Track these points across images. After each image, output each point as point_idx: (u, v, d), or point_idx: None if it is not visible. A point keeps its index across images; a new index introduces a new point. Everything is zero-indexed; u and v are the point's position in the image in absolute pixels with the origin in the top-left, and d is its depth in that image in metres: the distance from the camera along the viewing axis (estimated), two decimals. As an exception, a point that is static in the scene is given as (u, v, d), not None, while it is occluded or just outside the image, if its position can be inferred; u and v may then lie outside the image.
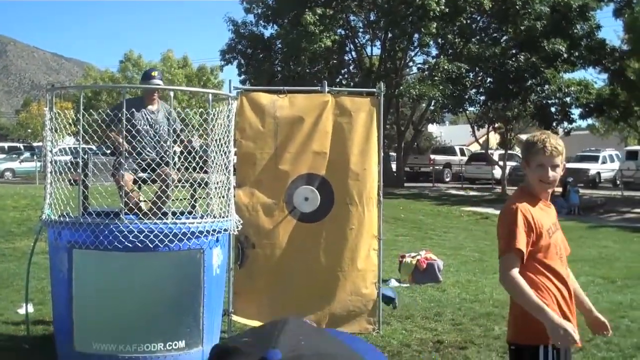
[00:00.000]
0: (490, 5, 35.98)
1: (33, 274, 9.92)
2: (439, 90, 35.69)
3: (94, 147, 9.10)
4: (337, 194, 9.72)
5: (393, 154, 45.97)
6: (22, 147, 52.08)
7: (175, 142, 8.87)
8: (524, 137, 59.42)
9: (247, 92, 10.06)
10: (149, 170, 8.39)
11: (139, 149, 8.36)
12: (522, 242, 4.36)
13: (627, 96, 35.76)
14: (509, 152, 44.31)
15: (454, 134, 73.80)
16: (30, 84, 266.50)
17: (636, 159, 42.70)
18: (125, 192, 8.05)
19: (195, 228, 7.88)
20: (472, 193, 39.03)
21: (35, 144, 52.84)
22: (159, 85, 9.25)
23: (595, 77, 52.44)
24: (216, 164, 8.35)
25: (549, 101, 37.49)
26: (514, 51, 37.71)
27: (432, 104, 40.78)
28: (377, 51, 43.19)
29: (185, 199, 8.89)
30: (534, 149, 4.49)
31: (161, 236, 7.61)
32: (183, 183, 8.42)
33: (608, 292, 12.39)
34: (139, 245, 7.53)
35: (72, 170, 8.25)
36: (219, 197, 8.48)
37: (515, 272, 4.34)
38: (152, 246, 7.57)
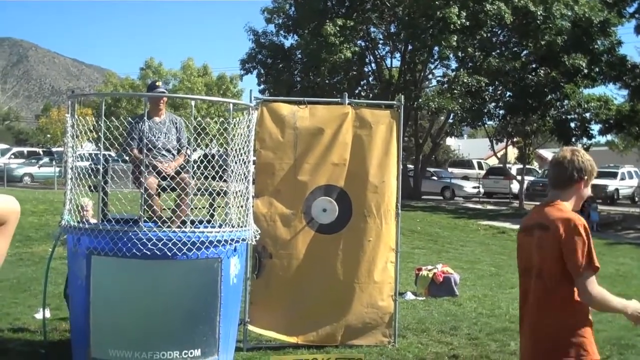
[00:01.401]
0: (511, 20, 35.92)
1: (51, 279, 9.95)
2: (458, 103, 35.67)
3: (113, 154, 9.17)
4: (355, 206, 9.72)
5: (411, 166, 45.94)
6: (41, 152, 52.27)
7: (178, 151, 8.92)
8: (542, 151, 59.06)
9: (268, 102, 10.09)
10: (168, 179, 8.44)
11: (153, 161, 8.42)
12: (596, 259, 4.44)
13: (647, 113, 35.60)
14: (527, 166, 44.18)
15: (472, 148, 73.66)
16: (50, 89, 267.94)
17: (655, 176, 42.52)
18: (149, 194, 8.07)
19: (214, 237, 7.90)
20: (489, 207, 38.90)
21: (54, 149, 53.03)
22: (164, 94, 9.29)
23: (615, 93, 52.15)
24: (235, 173, 8.38)
25: (569, 116, 37.34)
26: (534, 66, 37.65)
27: (451, 117, 40.76)
28: (396, 63, 43.29)
29: (204, 207, 8.92)
30: (594, 170, 4.66)
31: (179, 244, 7.63)
32: (202, 192, 8.44)
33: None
34: (157, 253, 7.55)
35: (91, 176, 8.30)
36: (238, 207, 8.50)
37: (599, 288, 4.41)
38: (170, 254, 7.60)
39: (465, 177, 49.11)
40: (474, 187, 42.28)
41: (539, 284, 4.49)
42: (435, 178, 46.44)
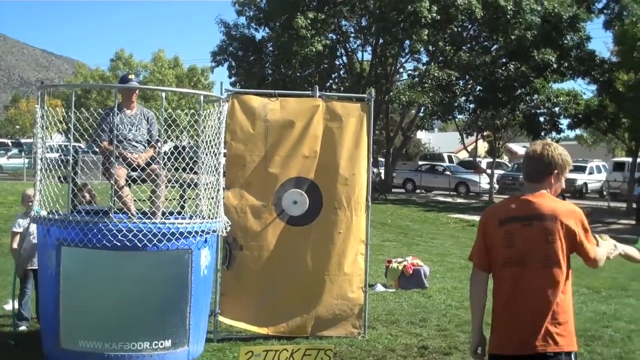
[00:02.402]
0: (482, 14, 36.14)
1: (20, 271, 9.90)
2: (428, 97, 35.84)
3: (83, 146, 9.15)
4: (326, 198, 9.77)
5: (382, 159, 46.06)
6: (10, 144, 51.85)
7: (149, 143, 8.92)
8: (512, 145, 59.44)
9: (239, 94, 10.10)
10: (139, 170, 8.45)
11: (124, 152, 8.43)
12: None
13: (615, 108, 35.84)
14: (497, 160, 44.45)
15: (443, 141, 73.98)
16: (19, 80, 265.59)
17: (623, 171, 42.86)
18: (119, 185, 8.08)
19: (184, 228, 7.92)
20: (459, 200, 39.11)
21: (23, 141, 52.63)
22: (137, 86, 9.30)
23: (584, 88, 52.58)
24: (206, 165, 8.39)
25: (538, 111, 37.63)
26: (504, 60, 37.87)
27: (422, 110, 40.95)
28: (368, 57, 43.32)
29: (174, 199, 8.93)
30: (568, 162, 4.84)
31: (150, 235, 7.64)
32: (173, 183, 8.46)
33: (592, 302, 12.47)
34: (128, 244, 7.56)
35: (61, 167, 8.28)
36: (208, 198, 8.52)
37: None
38: (140, 245, 7.61)
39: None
40: (489, 183, 41.66)
41: (549, 273, 4.62)
42: (448, 173, 45.29)
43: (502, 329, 4.81)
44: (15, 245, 9.64)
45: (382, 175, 42.39)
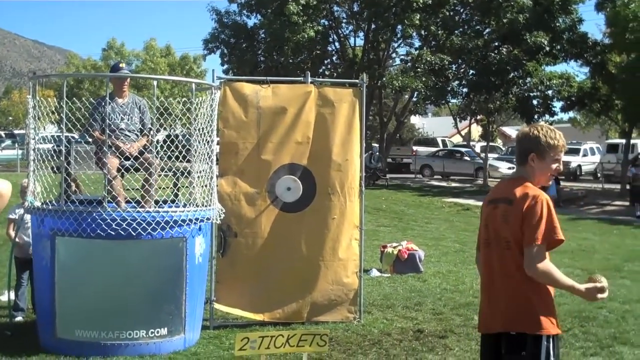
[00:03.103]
0: (474, -3, 36.10)
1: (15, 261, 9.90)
2: (421, 81, 35.76)
3: (76, 136, 9.15)
4: (319, 184, 9.78)
5: (375, 145, 46.03)
6: (3, 135, 51.72)
7: (141, 132, 8.92)
8: (505, 129, 59.41)
9: (231, 82, 10.09)
10: (132, 159, 8.46)
11: (116, 142, 8.43)
12: (561, 232, 4.58)
13: (608, 89, 35.90)
14: (491, 144, 44.45)
15: (437, 126, 73.93)
16: (11, 71, 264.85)
17: (617, 152, 42.91)
18: (111, 174, 8.09)
19: (178, 216, 7.94)
20: (453, 185, 39.16)
21: (16, 132, 52.49)
22: (127, 74, 9.29)
23: (576, 71, 52.78)
24: (199, 153, 8.41)
25: (531, 94, 37.56)
26: (496, 44, 37.82)
27: (415, 95, 40.86)
28: (360, 42, 43.18)
29: (168, 187, 8.94)
30: (553, 144, 4.68)
31: (144, 224, 7.67)
32: (166, 172, 8.47)
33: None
34: (122, 233, 7.59)
35: (54, 158, 8.29)
36: (202, 186, 8.54)
37: (548, 260, 4.56)
38: (134, 234, 7.64)
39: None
40: (509, 168, 41.05)
41: (507, 254, 4.63)
42: (467, 159, 44.46)
43: (480, 309, 4.99)
44: (11, 231, 9.66)
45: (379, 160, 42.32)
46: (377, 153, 39.21)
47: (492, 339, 4.78)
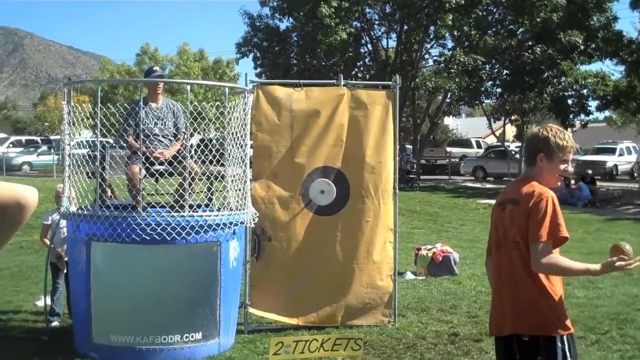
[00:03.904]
0: (507, -3, 35.86)
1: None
2: (455, 82, 35.60)
3: (111, 141, 9.20)
4: (353, 187, 9.75)
5: (409, 146, 45.85)
6: (39, 141, 52.22)
7: (175, 137, 8.94)
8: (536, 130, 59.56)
9: (264, 85, 10.09)
10: (166, 164, 8.48)
11: (150, 146, 8.45)
12: (565, 230, 4.55)
13: (644, 88, 35.58)
14: (525, 144, 44.06)
15: (470, 127, 73.55)
16: (47, 77, 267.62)
17: (653, 151, 42.49)
18: (133, 184, 8.14)
19: (212, 221, 7.95)
20: (488, 186, 38.92)
21: (52, 137, 52.98)
22: (161, 79, 9.32)
23: (612, 69, 51.99)
24: (233, 157, 8.42)
25: (566, 93, 37.28)
26: (530, 43, 37.54)
27: (448, 96, 40.65)
28: (392, 44, 43.06)
29: (202, 191, 8.96)
30: (562, 145, 4.65)
31: (178, 229, 7.68)
32: (200, 176, 8.49)
33: (624, 285, 12.35)
34: (157, 237, 7.61)
35: (89, 163, 8.35)
36: (236, 190, 8.54)
37: (551, 256, 4.49)
38: (169, 239, 7.66)
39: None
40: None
41: (516, 255, 4.62)
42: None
43: (490, 313, 4.97)
44: (45, 238, 9.74)
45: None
46: (409, 154, 39.03)
47: (503, 342, 4.77)
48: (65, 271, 9.51)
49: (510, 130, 49.30)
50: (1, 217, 2.32)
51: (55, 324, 9.56)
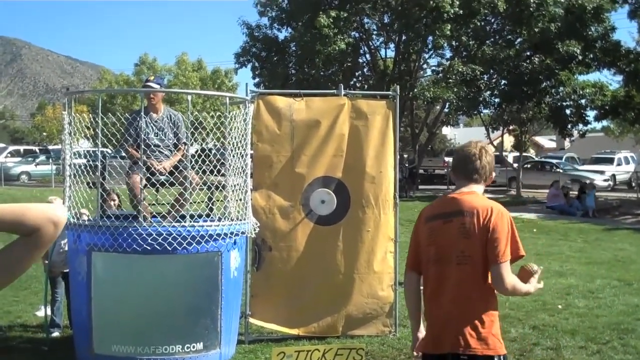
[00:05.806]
0: (505, 7, 35.88)
1: (51, 277, 9.97)
2: (453, 92, 35.64)
3: (110, 150, 9.20)
4: (354, 197, 9.75)
5: (405, 155, 45.87)
6: (37, 150, 52.25)
7: (176, 146, 8.93)
8: (539, 139, 58.96)
9: (264, 95, 10.10)
10: (166, 174, 8.47)
11: (150, 158, 8.45)
12: (522, 248, 4.64)
13: (642, 98, 35.62)
14: (524, 154, 44.18)
15: (469, 137, 73.07)
16: (44, 87, 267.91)
17: (652, 161, 42.53)
18: (134, 194, 8.13)
19: (213, 231, 7.94)
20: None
21: (50, 147, 53.02)
22: (159, 89, 9.31)
23: (610, 79, 52.19)
24: (233, 167, 8.41)
25: (564, 103, 37.29)
26: (528, 53, 37.59)
27: (447, 106, 40.72)
28: (391, 53, 43.15)
29: (202, 201, 8.95)
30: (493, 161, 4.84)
31: (179, 239, 7.67)
32: (201, 186, 8.49)
33: (624, 295, 12.34)
34: (158, 247, 7.60)
35: (89, 173, 8.34)
36: (236, 200, 8.54)
37: (512, 276, 4.54)
38: (170, 249, 7.64)
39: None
40: (605, 180, 38.43)
41: (465, 270, 4.53)
42: (559, 171, 41.26)
43: (427, 328, 4.81)
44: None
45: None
46: (405, 164, 39.01)
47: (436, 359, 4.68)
48: (64, 282, 9.49)
49: (508, 140, 49.31)
50: (36, 237, 2.50)
51: (55, 334, 9.54)
